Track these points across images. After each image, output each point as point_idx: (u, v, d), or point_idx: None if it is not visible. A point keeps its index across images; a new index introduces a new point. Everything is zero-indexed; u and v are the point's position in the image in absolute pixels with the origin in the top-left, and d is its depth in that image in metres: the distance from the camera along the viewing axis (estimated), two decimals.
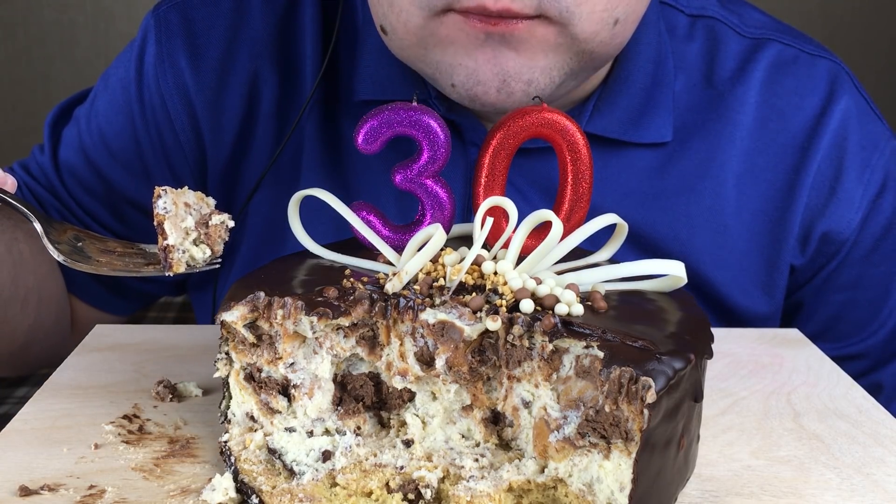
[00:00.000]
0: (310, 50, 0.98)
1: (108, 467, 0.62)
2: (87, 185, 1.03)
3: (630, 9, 0.80)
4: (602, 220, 0.66)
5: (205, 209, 0.66)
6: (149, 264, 0.67)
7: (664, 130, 0.95)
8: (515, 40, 0.76)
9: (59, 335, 1.04)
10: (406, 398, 0.63)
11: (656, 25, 0.95)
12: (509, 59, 0.77)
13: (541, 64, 0.78)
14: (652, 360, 0.54)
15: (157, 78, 0.99)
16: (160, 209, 0.63)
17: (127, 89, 1.01)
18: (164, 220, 0.63)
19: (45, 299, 0.99)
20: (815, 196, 0.97)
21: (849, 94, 0.99)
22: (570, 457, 0.57)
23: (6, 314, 0.92)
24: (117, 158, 1.02)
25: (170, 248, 0.64)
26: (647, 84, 0.94)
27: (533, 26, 0.76)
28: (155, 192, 0.63)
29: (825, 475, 0.64)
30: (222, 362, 0.63)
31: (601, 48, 0.81)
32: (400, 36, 0.81)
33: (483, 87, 0.78)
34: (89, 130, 1.03)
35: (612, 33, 0.80)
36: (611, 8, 0.78)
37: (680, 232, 0.96)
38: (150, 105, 1.00)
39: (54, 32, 2.69)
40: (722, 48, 0.99)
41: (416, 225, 0.68)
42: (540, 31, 0.76)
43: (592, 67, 0.84)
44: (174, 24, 0.99)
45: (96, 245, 0.69)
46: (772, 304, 1.00)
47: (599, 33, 0.79)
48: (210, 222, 0.66)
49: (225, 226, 0.67)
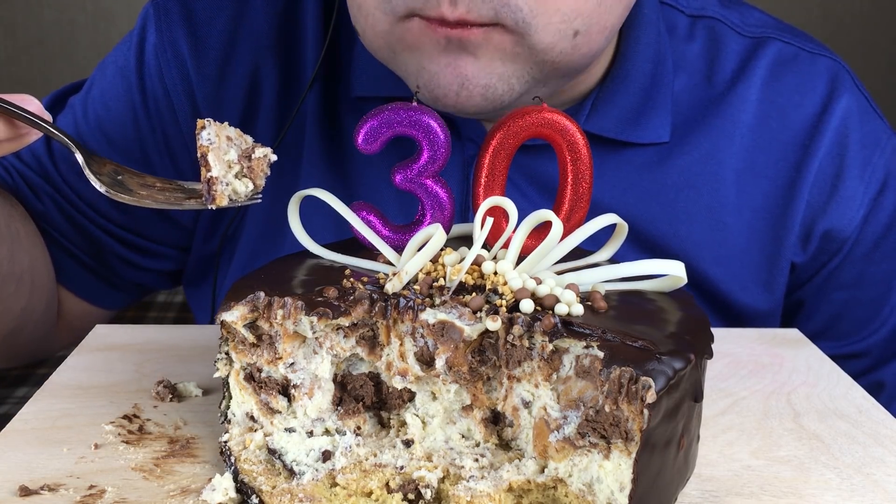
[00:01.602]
0: (311, 46, 0.98)
1: (108, 467, 0.62)
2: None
3: (592, 20, 0.79)
4: (602, 220, 0.66)
5: (244, 144, 0.65)
6: (190, 198, 0.66)
7: (662, 131, 0.95)
8: (473, 46, 0.77)
9: (47, 325, 1.03)
10: (406, 398, 0.63)
11: (656, 25, 0.95)
12: (468, 64, 0.78)
13: (498, 70, 0.79)
14: (652, 360, 0.54)
15: (160, 67, 0.99)
16: (204, 140, 0.62)
17: (127, 78, 1.01)
18: (207, 152, 0.62)
19: (37, 284, 0.97)
20: (817, 194, 0.97)
21: (849, 91, 0.99)
22: (570, 457, 0.57)
23: (2, 292, 0.91)
24: (116, 146, 1.01)
25: (213, 179, 0.63)
26: (645, 84, 0.94)
27: (490, 33, 0.76)
28: (199, 124, 0.62)
29: (825, 475, 0.64)
30: (222, 362, 0.63)
31: (563, 58, 0.80)
32: (369, 39, 0.82)
33: (443, 90, 0.79)
34: (86, 117, 1.02)
35: (573, 45, 0.79)
36: (569, 20, 0.77)
37: (679, 228, 0.96)
38: (153, 94, 1.00)
39: (54, 32, 2.69)
40: (722, 48, 0.99)
41: (416, 225, 0.68)
42: (496, 38, 0.77)
43: (561, 76, 0.84)
44: (174, 12, 0.99)
45: (136, 180, 0.67)
46: (771, 301, 1.00)
47: (558, 44, 0.78)
48: (253, 155, 0.65)
49: (268, 159, 0.66)
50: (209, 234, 1.04)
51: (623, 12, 0.84)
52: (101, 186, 0.64)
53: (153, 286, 1.12)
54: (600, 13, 0.80)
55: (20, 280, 0.94)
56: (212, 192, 0.63)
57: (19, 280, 0.94)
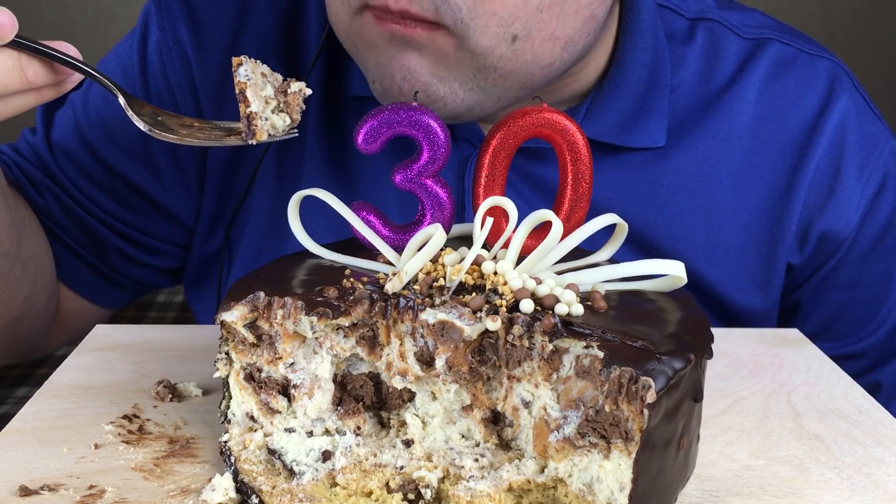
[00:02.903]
0: (313, 46, 0.98)
1: (108, 467, 0.62)
2: (82, 166, 1.01)
3: (532, 26, 0.79)
4: (602, 220, 0.66)
5: (276, 82, 0.66)
6: (230, 135, 0.67)
7: (658, 136, 0.94)
8: (417, 44, 0.79)
9: (47, 319, 1.02)
10: (406, 398, 0.63)
11: (653, 30, 0.95)
12: (412, 59, 0.80)
13: (440, 73, 0.81)
14: (652, 360, 0.54)
15: (164, 64, 0.99)
16: (241, 76, 0.63)
17: (130, 75, 1.01)
18: (245, 88, 0.63)
19: (40, 273, 0.97)
20: (814, 195, 0.97)
21: (848, 93, 0.99)
22: (570, 457, 0.57)
23: (9, 275, 0.90)
24: (119, 144, 1.01)
25: (253, 115, 0.64)
26: (641, 89, 0.94)
27: (433, 35, 0.78)
28: (235, 61, 0.63)
29: (825, 475, 0.64)
30: (222, 362, 0.63)
31: (504, 64, 0.80)
32: (338, 34, 0.85)
33: (389, 81, 0.81)
34: (86, 114, 1.02)
35: (513, 50, 0.79)
36: (506, 24, 0.78)
37: (675, 230, 0.96)
38: (156, 89, 1.00)
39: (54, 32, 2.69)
40: (722, 50, 0.99)
41: (416, 225, 0.68)
42: (440, 40, 0.78)
43: (511, 85, 0.83)
44: (176, 10, 0.99)
45: (174, 120, 0.68)
46: (767, 302, 1.00)
47: (496, 49, 0.79)
48: (288, 90, 0.66)
49: (303, 93, 0.67)
50: (209, 234, 1.04)
51: (585, 24, 0.82)
52: (143, 125, 0.65)
53: (153, 283, 1.12)
54: (543, 20, 0.79)
55: (26, 265, 0.93)
56: (252, 128, 0.64)
57: (25, 265, 0.93)
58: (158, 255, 1.07)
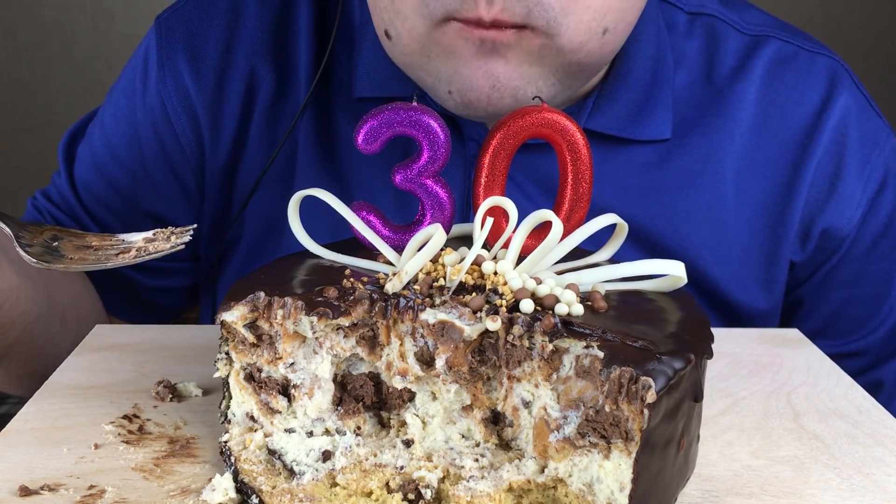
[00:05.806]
0: (304, 48, 0.98)
1: (108, 467, 0.62)
2: (102, 198, 1.03)
3: (620, 16, 0.80)
4: (602, 220, 0.66)
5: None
6: (119, 254, 0.68)
7: (663, 128, 0.95)
8: (504, 48, 0.78)
9: None
10: (406, 398, 0.63)
11: (655, 22, 0.95)
12: (499, 66, 0.79)
13: (527, 73, 0.80)
14: (652, 360, 0.54)
15: (157, 83, 1.00)
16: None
17: (131, 98, 1.02)
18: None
19: (82, 316, 0.99)
20: (815, 192, 0.97)
21: (848, 90, 0.99)
22: (570, 457, 0.57)
23: (48, 333, 0.92)
24: (126, 167, 1.03)
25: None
26: (646, 81, 0.94)
27: (521, 35, 0.77)
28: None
29: (825, 475, 0.64)
30: (222, 362, 0.63)
31: (589, 58, 0.81)
32: (404, 42, 0.82)
33: (475, 93, 0.80)
34: (101, 143, 1.04)
35: (601, 42, 0.80)
36: (599, 17, 0.78)
37: (678, 227, 0.96)
38: (151, 110, 1.01)
39: (54, 32, 2.69)
40: (721, 45, 0.99)
41: (416, 225, 0.68)
42: (526, 40, 0.78)
43: (584, 77, 0.84)
44: (175, 29, 1.00)
45: (73, 242, 0.69)
46: (771, 301, 1.00)
47: (587, 44, 0.79)
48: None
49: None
50: (212, 239, 1.04)
51: (641, 7, 0.84)
52: (28, 258, 0.66)
53: (179, 306, 1.13)
54: (627, 9, 0.80)
55: (63, 318, 0.95)
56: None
57: (62, 318, 0.95)
58: (172, 275, 1.08)
